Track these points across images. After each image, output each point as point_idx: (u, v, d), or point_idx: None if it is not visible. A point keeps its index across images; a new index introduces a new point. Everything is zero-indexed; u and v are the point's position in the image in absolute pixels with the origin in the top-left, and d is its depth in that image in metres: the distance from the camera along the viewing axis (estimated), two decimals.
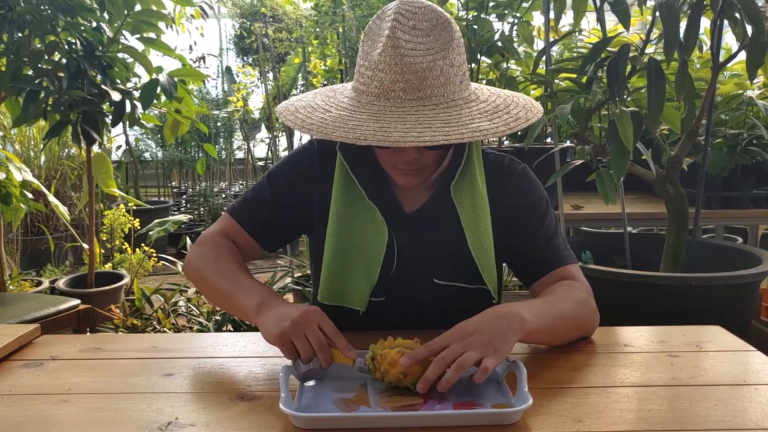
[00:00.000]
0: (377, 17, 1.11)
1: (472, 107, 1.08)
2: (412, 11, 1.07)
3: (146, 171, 6.74)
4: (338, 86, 1.21)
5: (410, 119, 1.02)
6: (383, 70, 1.05)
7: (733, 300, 2.32)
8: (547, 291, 1.21)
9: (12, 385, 1.05)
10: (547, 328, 1.11)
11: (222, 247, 1.27)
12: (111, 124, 2.82)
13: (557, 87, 2.61)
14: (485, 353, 0.96)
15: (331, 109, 1.10)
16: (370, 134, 1.00)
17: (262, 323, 1.08)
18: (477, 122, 1.05)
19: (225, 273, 1.22)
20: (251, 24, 5.68)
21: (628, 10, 2.12)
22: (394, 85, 1.04)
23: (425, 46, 1.05)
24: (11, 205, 2.97)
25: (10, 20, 2.54)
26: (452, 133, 1.01)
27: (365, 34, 1.12)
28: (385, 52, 1.04)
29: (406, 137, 0.99)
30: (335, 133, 1.03)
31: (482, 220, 1.22)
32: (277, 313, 1.07)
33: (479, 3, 3.11)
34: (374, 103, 1.06)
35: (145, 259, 3.73)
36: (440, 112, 1.04)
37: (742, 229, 4.08)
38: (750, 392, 1.00)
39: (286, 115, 1.13)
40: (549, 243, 1.25)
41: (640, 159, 2.50)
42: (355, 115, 1.05)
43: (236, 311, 1.22)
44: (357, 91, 1.10)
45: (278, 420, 0.91)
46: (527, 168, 1.31)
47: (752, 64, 1.97)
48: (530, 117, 1.10)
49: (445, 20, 1.08)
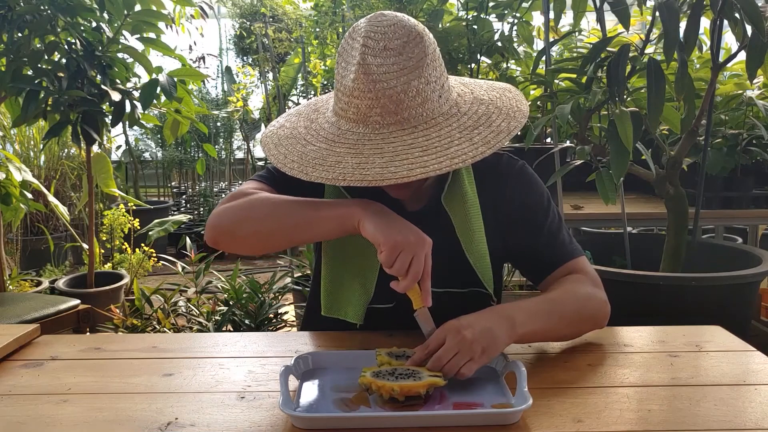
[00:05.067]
0: (349, 36, 1.09)
1: (452, 124, 1.06)
2: (382, 32, 1.04)
3: (146, 171, 6.74)
4: (321, 102, 1.19)
5: (388, 150, 1.01)
6: (358, 97, 1.04)
7: (733, 300, 2.32)
8: (552, 287, 1.21)
9: (12, 385, 1.05)
10: (544, 328, 1.11)
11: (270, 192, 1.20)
12: (111, 124, 2.82)
13: (557, 87, 2.61)
14: (472, 354, 0.98)
15: (312, 140, 1.09)
16: (349, 173, 1.00)
17: (374, 221, 1.04)
18: (456, 145, 1.03)
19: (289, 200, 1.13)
20: (251, 24, 5.69)
21: (627, 10, 2.12)
22: (371, 111, 1.03)
23: (398, 67, 1.03)
24: (11, 205, 2.97)
25: (10, 20, 2.54)
26: (429, 163, 0.99)
27: (339, 54, 1.10)
28: (358, 78, 1.03)
29: (384, 173, 0.98)
30: (315, 173, 1.02)
31: (475, 226, 1.22)
32: (398, 220, 1.05)
33: (479, 3, 3.12)
34: (353, 131, 1.05)
35: (144, 259, 3.73)
36: (419, 136, 1.03)
37: (742, 229, 4.08)
38: (750, 392, 1.00)
39: (270, 149, 1.11)
40: (554, 239, 1.25)
41: (640, 159, 2.50)
42: (335, 149, 1.05)
43: (324, 224, 1.10)
44: (337, 115, 1.09)
45: (278, 420, 0.91)
46: (525, 165, 1.30)
47: (752, 64, 1.97)
48: (512, 127, 1.07)
49: (416, 35, 1.05)
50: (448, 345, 0.98)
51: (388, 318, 1.23)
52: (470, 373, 0.97)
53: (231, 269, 3.01)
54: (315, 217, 1.10)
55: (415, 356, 1.01)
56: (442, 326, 1.02)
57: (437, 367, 0.97)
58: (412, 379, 0.95)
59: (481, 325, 1.02)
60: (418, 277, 1.02)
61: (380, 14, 1.08)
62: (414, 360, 1.00)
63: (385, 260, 1.01)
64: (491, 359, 1.02)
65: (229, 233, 1.16)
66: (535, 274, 1.28)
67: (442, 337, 1.00)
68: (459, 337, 0.99)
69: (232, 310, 2.63)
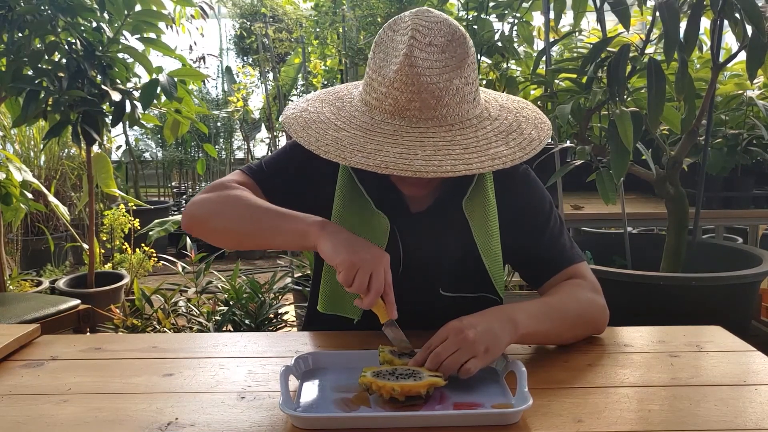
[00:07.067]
0: (389, 28, 1.09)
1: (487, 127, 1.08)
2: (429, 27, 1.05)
3: (146, 171, 6.75)
4: (342, 91, 1.18)
5: (429, 143, 1.01)
6: (398, 89, 1.03)
7: (733, 300, 2.32)
8: (552, 291, 1.21)
9: (12, 385, 1.05)
10: (544, 330, 1.11)
11: (246, 190, 1.20)
12: (111, 124, 2.82)
13: (557, 87, 2.61)
14: (475, 352, 0.98)
15: (345, 126, 1.07)
16: (392, 162, 0.99)
17: (331, 241, 1.04)
18: (494, 147, 1.04)
19: (259, 205, 1.14)
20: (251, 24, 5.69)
21: (628, 10, 2.12)
22: (410, 104, 1.03)
23: (441, 64, 1.04)
24: (11, 205, 2.97)
25: (10, 20, 2.54)
26: (473, 161, 1.01)
27: (376, 44, 1.10)
28: (402, 70, 1.03)
29: (428, 166, 0.98)
30: (353, 158, 1.01)
31: (493, 230, 1.22)
32: (353, 239, 1.04)
33: (479, 3, 3.11)
34: (389, 122, 1.05)
35: (145, 259, 3.73)
36: (457, 134, 1.04)
37: (742, 229, 4.08)
38: (750, 392, 1.00)
39: (297, 131, 1.09)
40: (555, 244, 1.25)
41: (640, 159, 2.50)
42: (372, 137, 1.03)
43: (283, 236, 1.11)
44: (368, 105, 1.08)
45: (278, 420, 0.91)
46: (529, 169, 1.31)
47: (752, 64, 1.97)
48: (543, 137, 1.10)
49: (461, 36, 1.07)
50: (449, 343, 0.99)
51: None
52: (475, 370, 0.97)
53: (231, 269, 3.01)
54: (278, 228, 1.11)
55: (417, 356, 1.01)
56: (445, 326, 1.02)
57: (435, 363, 0.97)
58: (412, 379, 0.95)
59: (484, 324, 1.02)
60: (379, 292, 1.02)
61: (427, 10, 1.08)
62: (416, 360, 1.00)
63: (344, 280, 1.02)
64: (494, 358, 1.02)
65: (202, 224, 1.19)
66: (535, 277, 1.28)
67: (444, 336, 1.01)
68: (461, 336, 0.99)
69: (233, 310, 2.63)
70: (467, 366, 0.96)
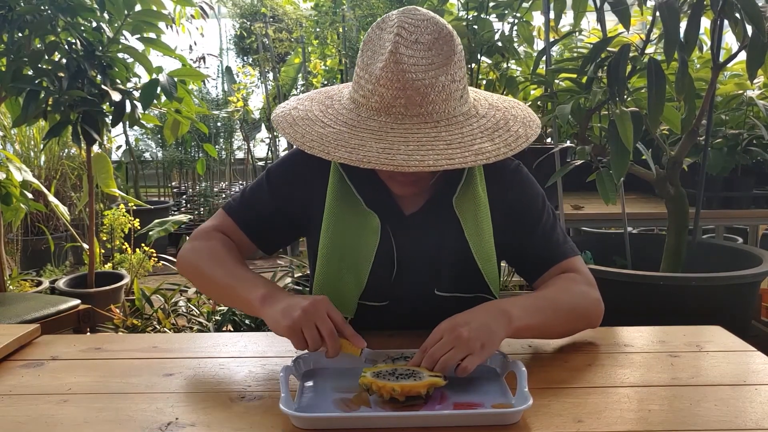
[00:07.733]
0: (377, 26, 1.10)
1: (473, 124, 1.08)
2: (415, 24, 1.06)
3: (146, 171, 6.74)
4: (334, 90, 1.20)
5: (412, 139, 1.02)
6: (384, 86, 1.04)
7: (733, 300, 2.32)
8: (545, 285, 1.21)
9: (12, 385, 1.05)
10: (538, 323, 1.11)
11: (218, 242, 1.26)
12: (111, 124, 2.82)
13: (557, 87, 2.61)
14: (471, 350, 0.98)
15: (331, 123, 1.08)
16: (374, 156, 1.00)
17: (269, 315, 1.07)
18: (479, 143, 1.05)
19: (224, 266, 1.20)
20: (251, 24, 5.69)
21: (628, 10, 2.12)
22: (396, 101, 1.04)
23: (427, 61, 1.04)
24: (11, 205, 2.97)
25: (10, 20, 2.54)
26: (455, 156, 1.01)
27: (364, 43, 1.10)
28: (387, 67, 1.03)
29: (409, 161, 0.99)
30: (337, 153, 1.02)
31: (485, 228, 1.22)
32: (285, 304, 1.06)
33: (479, 3, 3.11)
34: (374, 119, 1.05)
35: (145, 259, 3.73)
36: (442, 131, 1.04)
37: (742, 229, 4.08)
38: (750, 392, 1.00)
39: (284, 127, 1.11)
40: (548, 239, 1.25)
41: (640, 159, 2.50)
42: (357, 133, 1.04)
43: (238, 304, 1.19)
44: (356, 102, 1.09)
45: (278, 420, 0.91)
46: (520, 164, 1.31)
47: (752, 64, 1.97)
48: (530, 134, 1.11)
49: (447, 33, 1.07)
50: (443, 342, 0.99)
51: (381, 316, 1.23)
52: (473, 367, 0.97)
53: None
54: (233, 293, 1.17)
55: (414, 359, 1.01)
56: (438, 326, 1.03)
57: (431, 363, 0.98)
58: (412, 379, 0.95)
59: (478, 321, 1.02)
60: (334, 336, 1.03)
61: (414, 8, 1.09)
62: (413, 362, 1.01)
63: (297, 345, 1.04)
64: (491, 354, 1.02)
65: (186, 272, 1.29)
66: (529, 272, 1.29)
67: (438, 337, 1.01)
68: (455, 335, 0.99)
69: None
70: (464, 364, 0.97)
